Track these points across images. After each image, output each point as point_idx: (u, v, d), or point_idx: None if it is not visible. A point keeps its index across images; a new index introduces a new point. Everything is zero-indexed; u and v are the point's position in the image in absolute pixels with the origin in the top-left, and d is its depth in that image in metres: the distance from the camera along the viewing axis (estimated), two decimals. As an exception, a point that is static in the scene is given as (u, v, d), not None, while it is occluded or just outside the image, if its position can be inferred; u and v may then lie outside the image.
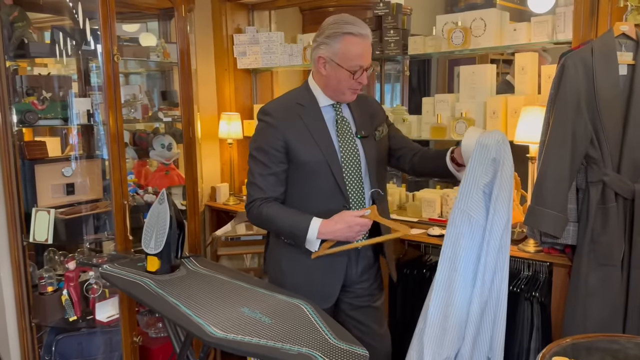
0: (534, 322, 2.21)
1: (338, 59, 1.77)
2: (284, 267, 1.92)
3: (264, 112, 1.86)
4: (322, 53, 1.79)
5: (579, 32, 2.07)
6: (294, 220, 1.79)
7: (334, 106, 1.89)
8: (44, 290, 2.57)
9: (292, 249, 1.87)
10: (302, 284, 1.86)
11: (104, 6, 2.34)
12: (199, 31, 3.31)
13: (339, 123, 1.87)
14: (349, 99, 1.86)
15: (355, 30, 1.76)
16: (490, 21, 2.45)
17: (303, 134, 1.81)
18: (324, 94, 1.87)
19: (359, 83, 1.81)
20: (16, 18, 2.40)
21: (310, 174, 1.82)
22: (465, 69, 2.60)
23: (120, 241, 2.50)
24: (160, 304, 1.74)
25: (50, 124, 2.55)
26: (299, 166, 1.83)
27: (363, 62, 1.78)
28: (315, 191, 1.83)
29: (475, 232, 1.67)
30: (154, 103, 3.06)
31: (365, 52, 1.78)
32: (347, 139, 1.87)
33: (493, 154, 1.62)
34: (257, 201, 1.83)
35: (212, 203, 3.43)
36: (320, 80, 1.86)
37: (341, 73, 1.78)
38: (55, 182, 2.62)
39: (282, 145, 1.80)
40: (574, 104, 1.86)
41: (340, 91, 1.83)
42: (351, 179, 1.85)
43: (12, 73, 2.53)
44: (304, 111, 1.84)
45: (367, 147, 1.90)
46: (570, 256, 2.03)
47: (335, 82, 1.81)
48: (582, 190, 1.94)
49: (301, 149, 1.81)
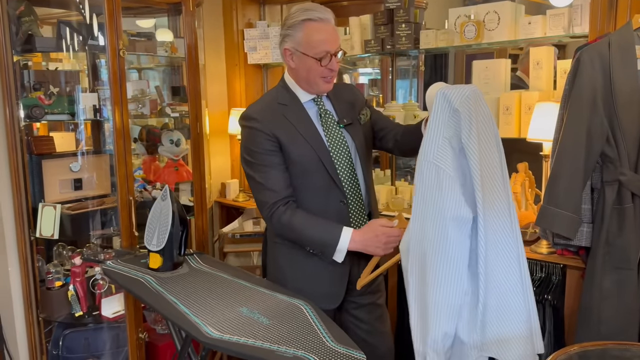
0: (546, 326, 2.14)
1: (302, 48, 1.73)
2: (287, 272, 1.87)
3: (247, 117, 1.81)
4: (287, 45, 1.76)
5: (596, 25, 1.99)
6: (323, 229, 1.73)
7: (315, 100, 1.85)
8: (51, 285, 2.57)
9: (295, 252, 1.84)
10: (306, 287, 1.81)
11: (110, 1, 2.32)
12: (209, 26, 3.29)
13: (323, 117, 1.83)
14: (324, 89, 1.81)
15: (314, 15, 1.71)
16: (504, 14, 2.37)
17: (291, 133, 1.77)
18: (300, 88, 1.82)
19: (330, 70, 1.76)
20: (23, 12, 2.39)
21: (303, 172, 1.78)
22: (479, 64, 2.53)
23: (125, 237, 2.48)
24: (158, 301, 1.72)
25: (57, 118, 2.54)
26: (291, 165, 1.79)
27: (328, 47, 1.72)
28: (311, 189, 1.79)
29: (444, 183, 1.40)
30: (164, 98, 3.04)
31: (329, 36, 1.73)
32: (333, 130, 1.83)
33: (455, 105, 1.38)
34: (276, 205, 1.75)
35: (222, 199, 3.41)
36: (293, 74, 1.83)
37: (308, 62, 1.74)
38: (63, 178, 2.62)
39: (276, 145, 1.76)
40: (590, 100, 1.78)
41: (312, 82, 1.78)
42: (344, 171, 1.82)
43: (21, 68, 2.54)
44: (287, 110, 1.80)
45: (354, 134, 1.86)
46: (584, 258, 1.95)
47: (305, 72, 1.77)
48: (597, 190, 1.87)
49: (292, 148, 1.77)
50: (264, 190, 1.77)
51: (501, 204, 1.41)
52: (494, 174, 1.42)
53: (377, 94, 4.22)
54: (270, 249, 1.96)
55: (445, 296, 1.36)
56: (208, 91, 3.26)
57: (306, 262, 1.83)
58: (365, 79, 4.67)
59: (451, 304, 1.37)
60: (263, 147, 1.76)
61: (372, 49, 2.83)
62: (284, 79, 1.87)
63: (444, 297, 1.36)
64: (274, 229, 1.82)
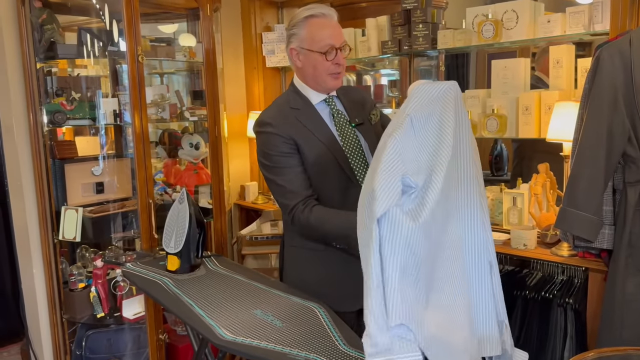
0: (568, 330, 2.10)
1: (307, 44, 1.73)
2: (308, 275, 1.86)
3: (262, 123, 1.80)
4: (292, 45, 1.77)
5: (617, 22, 1.94)
6: (343, 220, 1.68)
7: (327, 101, 1.84)
8: (74, 286, 2.62)
9: (316, 255, 1.82)
10: (329, 290, 1.79)
11: (128, 7, 2.37)
12: (228, 30, 3.32)
13: (335, 117, 1.83)
14: (332, 85, 1.81)
15: (316, 11, 1.73)
16: (522, 13, 2.33)
17: (306, 136, 1.76)
18: (311, 89, 1.82)
19: (337, 65, 1.75)
20: (45, 20, 2.46)
21: (320, 174, 1.78)
22: (498, 63, 2.49)
23: (145, 239, 2.52)
24: (175, 304, 1.74)
25: (79, 124, 2.60)
26: (308, 167, 1.78)
27: (332, 41, 1.73)
28: (329, 189, 1.77)
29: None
30: (184, 102, 3.08)
31: (332, 30, 1.74)
32: (346, 130, 1.82)
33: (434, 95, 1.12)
34: (298, 206, 1.73)
35: (241, 201, 3.44)
36: (301, 75, 1.82)
37: (314, 57, 1.74)
38: (85, 181, 2.68)
39: (293, 147, 1.76)
40: (610, 99, 1.74)
41: (320, 79, 1.78)
42: (360, 170, 1.81)
43: (45, 74, 2.60)
44: (300, 114, 1.79)
45: (366, 134, 1.86)
46: (606, 261, 1.90)
47: (311, 69, 1.77)
48: (619, 192, 1.83)
49: (308, 150, 1.76)
50: (284, 193, 1.76)
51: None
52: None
53: (396, 95, 4.19)
54: (289, 254, 1.95)
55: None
56: (227, 94, 3.28)
57: (328, 265, 1.82)
58: (385, 80, 4.65)
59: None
60: (280, 149, 1.76)
61: (389, 50, 2.82)
62: (293, 83, 1.87)
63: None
64: (299, 230, 1.80)
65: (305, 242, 1.83)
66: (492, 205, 2.50)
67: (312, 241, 1.82)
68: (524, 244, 2.18)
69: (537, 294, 2.18)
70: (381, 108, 4.04)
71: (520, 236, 2.18)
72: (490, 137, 2.48)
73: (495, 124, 2.41)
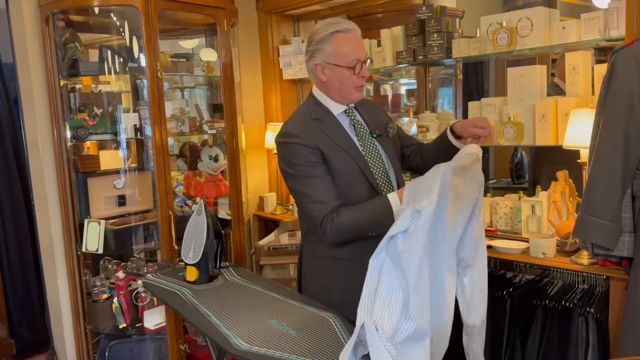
0: (590, 341, 2.06)
1: (334, 60, 1.75)
2: (332, 285, 1.83)
3: (286, 134, 1.79)
4: (317, 60, 1.78)
5: (633, 27, 1.92)
6: (370, 208, 1.69)
7: (347, 112, 1.86)
8: (97, 297, 2.68)
9: (339, 265, 1.81)
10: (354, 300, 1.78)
11: (147, 24, 2.43)
12: (245, 44, 3.37)
13: (357, 127, 1.85)
14: (356, 97, 1.83)
15: (341, 27, 1.75)
16: (537, 20, 2.32)
17: (330, 146, 1.77)
18: (333, 101, 1.83)
19: (362, 78, 1.78)
20: (68, 39, 2.54)
21: (345, 184, 1.78)
22: (514, 71, 2.48)
23: (166, 250, 2.57)
24: (193, 314, 1.76)
25: (101, 138, 2.67)
26: (334, 177, 1.78)
27: (359, 55, 1.76)
28: (354, 199, 1.76)
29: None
30: (203, 116, 3.13)
31: (358, 44, 1.77)
32: (367, 141, 1.84)
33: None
34: (327, 216, 1.70)
35: (260, 212, 3.47)
36: (324, 88, 1.83)
37: (341, 72, 1.76)
38: (108, 194, 2.74)
39: (320, 157, 1.75)
40: (626, 105, 1.72)
41: (346, 92, 1.80)
42: (382, 180, 1.82)
43: (68, 91, 2.68)
44: (322, 124, 1.80)
45: (385, 145, 1.87)
46: (627, 269, 1.87)
47: (337, 83, 1.78)
48: (638, 198, 1.80)
49: (334, 160, 1.76)
50: (312, 204, 1.73)
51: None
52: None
53: (414, 104, 4.19)
54: (309, 265, 1.92)
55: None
56: (245, 107, 3.33)
57: (353, 274, 1.76)
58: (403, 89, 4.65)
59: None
60: (307, 159, 1.75)
61: (404, 60, 2.83)
62: (312, 94, 1.88)
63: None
64: (329, 240, 1.75)
65: (331, 252, 1.81)
66: (510, 214, 2.48)
67: (337, 248, 1.79)
68: (543, 252, 2.15)
69: (557, 303, 2.15)
70: (399, 116, 4.06)
71: (539, 245, 2.16)
72: (507, 145, 2.46)
73: (512, 131, 2.40)
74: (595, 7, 2.49)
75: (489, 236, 2.44)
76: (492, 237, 2.44)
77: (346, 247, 1.78)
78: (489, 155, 4.17)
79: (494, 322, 2.33)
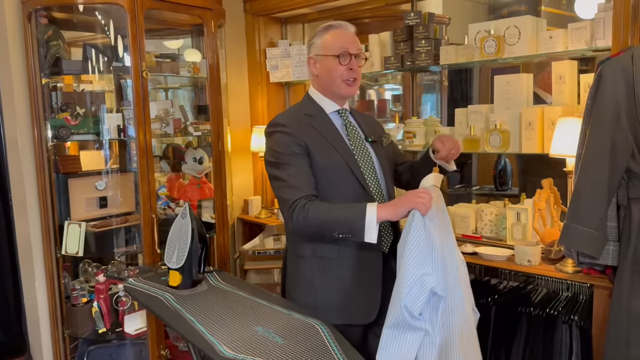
0: (573, 348, 2.07)
1: (323, 51, 1.81)
2: (318, 286, 1.81)
3: (275, 124, 1.82)
4: (311, 54, 1.85)
5: (619, 39, 1.94)
6: (346, 208, 1.67)
7: (340, 112, 1.88)
8: (76, 301, 2.62)
9: (323, 263, 1.79)
10: (336, 301, 1.78)
11: (133, 23, 2.39)
12: (232, 45, 3.34)
13: (348, 128, 1.86)
14: (345, 92, 1.84)
15: (335, 23, 1.84)
16: (524, 29, 2.34)
17: (318, 140, 1.78)
18: (325, 97, 1.87)
19: (350, 71, 1.79)
20: (51, 37, 2.48)
21: (332, 179, 1.77)
22: (500, 79, 2.49)
23: (148, 254, 2.52)
24: (176, 320, 1.73)
25: (83, 138, 2.61)
26: (320, 172, 1.78)
27: (347, 45, 1.79)
28: (341, 196, 1.76)
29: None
30: (187, 117, 3.09)
31: (347, 38, 1.81)
32: (359, 143, 1.85)
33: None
34: (299, 201, 1.67)
35: (244, 216, 3.44)
36: (317, 84, 1.88)
37: (329, 62, 1.80)
38: (89, 196, 2.68)
39: (303, 149, 1.76)
40: (613, 115, 1.74)
41: (334, 84, 1.82)
42: (372, 180, 1.81)
43: (50, 90, 2.62)
44: (313, 120, 1.83)
45: (378, 152, 1.89)
46: (611, 278, 1.89)
47: (326, 75, 1.82)
48: (623, 207, 1.81)
49: (320, 153, 1.77)
50: (286, 188, 1.72)
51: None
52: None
53: (399, 109, 4.20)
54: (294, 265, 1.89)
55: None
56: (230, 109, 3.30)
57: (339, 273, 1.79)
58: (388, 94, 4.66)
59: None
60: (290, 149, 1.76)
61: (392, 66, 2.83)
62: (308, 92, 1.92)
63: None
64: (296, 228, 1.73)
65: (315, 250, 1.79)
66: (496, 221, 2.49)
67: (322, 247, 1.77)
68: (528, 259, 2.16)
69: (541, 310, 2.16)
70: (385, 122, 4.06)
71: (525, 252, 2.17)
72: (494, 152, 2.47)
73: (498, 139, 2.41)
74: (579, 18, 2.52)
75: (475, 242, 2.45)
76: (477, 243, 2.44)
77: (331, 246, 1.77)
78: (472, 162, 4.21)
79: (478, 329, 2.33)
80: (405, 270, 1.60)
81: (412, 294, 1.58)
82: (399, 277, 1.61)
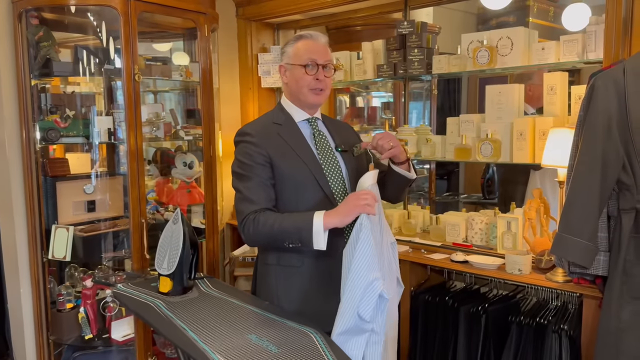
0: (562, 357, 2.09)
1: (292, 60, 1.84)
2: (280, 291, 1.84)
3: (241, 133, 1.84)
4: (282, 62, 1.88)
5: (611, 51, 1.98)
6: (294, 218, 1.71)
7: (310, 121, 1.90)
8: (62, 307, 2.57)
9: (287, 271, 1.81)
10: (299, 309, 1.79)
11: (126, 26, 2.37)
12: (224, 50, 3.33)
13: (317, 137, 1.88)
14: (312, 100, 1.85)
15: (306, 34, 1.86)
16: (517, 40, 2.37)
17: (284, 149, 1.80)
18: (295, 106, 1.88)
19: (317, 81, 1.81)
20: (41, 38, 2.45)
21: (296, 189, 1.79)
22: (492, 89, 2.52)
23: (137, 259, 2.49)
24: (167, 327, 1.70)
25: (72, 141, 2.58)
26: (284, 181, 1.79)
27: (314, 56, 1.81)
28: (305, 207, 1.77)
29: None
30: (178, 121, 3.07)
31: (316, 48, 1.83)
32: (327, 152, 1.86)
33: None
34: (250, 215, 1.73)
35: (234, 221, 3.40)
36: (287, 92, 1.90)
37: (297, 71, 1.82)
38: (77, 199, 2.64)
39: (266, 159, 1.78)
40: (604, 127, 1.76)
41: (301, 92, 1.84)
42: (338, 191, 1.82)
43: (39, 91, 2.59)
44: (281, 129, 1.84)
45: (347, 161, 1.89)
46: (601, 288, 1.90)
47: (294, 84, 1.84)
48: (613, 218, 1.83)
49: (284, 163, 1.79)
50: (242, 201, 1.76)
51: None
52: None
53: (389, 117, 4.22)
54: (261, 273, 1.92)
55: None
56: (222, 114, 3.28)
57: (302, 282, 1.81)
58: (378, 101, 4.68)
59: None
60: (253, 159, 1.78)
61: (385, 74, 2.84)
62: (280, 101, 1.95)
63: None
64: (247, 239, 1.79)
65: (279, 259, 1.82)
66: (486, 229, 2.51)
67: (286, 256, 1.80)
68: (519, 269, 2.18)
69: (531, 319, 2.17)
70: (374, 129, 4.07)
71: (516, 261, 2.18)
72: (485, 161, 2.49)
73: (489, 148, 2.43)
74: (567, 30, 2.56)
75: (465, 251, 2.46)
76: (467, 252, 2.45)
77: (295, 254, 1.79)
78: (459, 170, 4.24)
79: (469, 337, 2.34)
80: (356, 275, 1.62)
81: (365, 299, 1.62)
82: (350, 283, 1.62)
